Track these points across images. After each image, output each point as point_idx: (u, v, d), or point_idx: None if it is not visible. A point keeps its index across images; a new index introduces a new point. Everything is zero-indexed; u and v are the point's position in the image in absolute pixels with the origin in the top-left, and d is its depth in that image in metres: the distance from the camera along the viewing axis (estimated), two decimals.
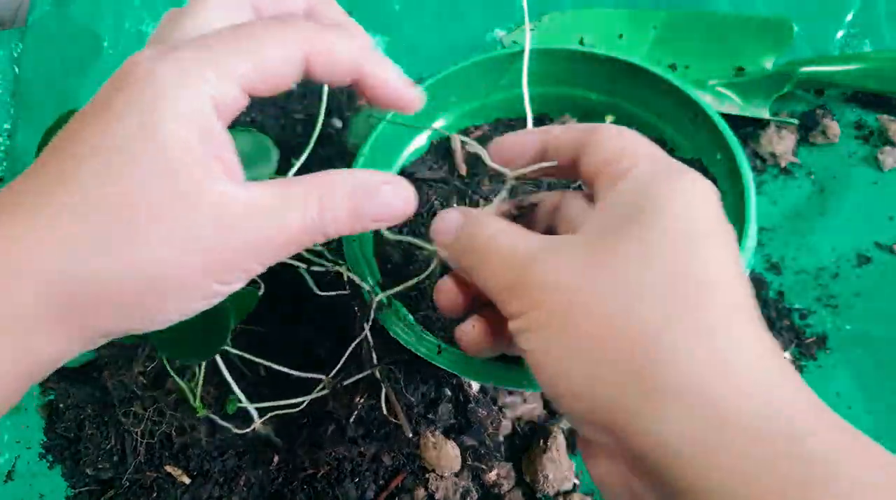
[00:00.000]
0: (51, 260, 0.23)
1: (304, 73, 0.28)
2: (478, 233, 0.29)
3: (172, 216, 0.23)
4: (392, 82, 0.31)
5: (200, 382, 0.45)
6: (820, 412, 0.23)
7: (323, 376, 0.45)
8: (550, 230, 0.34)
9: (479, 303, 0.34)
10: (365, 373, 0.45)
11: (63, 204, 0.23)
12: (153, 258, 0.23)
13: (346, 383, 0.46)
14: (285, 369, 0.45)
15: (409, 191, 0.30)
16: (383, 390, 0.47)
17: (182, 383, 0.45)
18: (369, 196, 0.28)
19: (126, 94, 0.24)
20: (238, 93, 0.26)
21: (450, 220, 0.31)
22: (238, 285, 0.27)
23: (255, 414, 0.44)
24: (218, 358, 0.45)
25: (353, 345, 0.43)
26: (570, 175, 0.32)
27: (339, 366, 0.44)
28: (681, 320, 0.22)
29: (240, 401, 0.44)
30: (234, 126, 0.64)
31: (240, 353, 0.46)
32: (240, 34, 0.26)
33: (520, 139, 0.34)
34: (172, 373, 0.46)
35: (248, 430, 0.44)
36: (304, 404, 0.45)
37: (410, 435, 0.47)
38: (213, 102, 0.25)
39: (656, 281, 0.23)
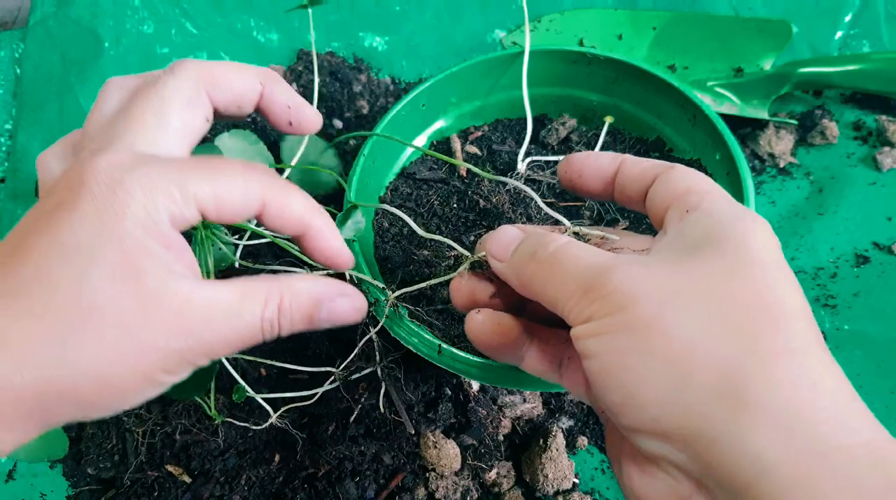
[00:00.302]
0: (13, 364, 0.23)
1: (256, 217, 0.30)
2: (546, 243, 0.30)
3: (134, 320, 0.25)
4: (331, 248, 0.33)
5: (213, 392, 0.46)
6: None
7: (333, 369, 0.45)
8: None
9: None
10: (367, 370, 0.45)
11: (27, 309, 0.24)
12: (114, 360, 0.25)
13: (353, 377, 0.46)
14: (296, 367, 0.46)
15: (362, 302, 0.32)
16: (384, 389, 0.47)
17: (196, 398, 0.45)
18: (326, 307, 0.31)
19: (93, 198, 0.25)
20: (194, 214, 0.27)
21: (510, 235, 0.32)
22: (185, 375, 0.28)
23: (270, 410, 0.44)
24: (226, 362, 0.46)
25: (363, 342, 0.43)
26: (634, 205, 0.34)
27: (350, 358, 0.44)
28: (776, 338, 0.23)
29: (248, 392, 0.44)
30: (231, 128, 0.64)
31: (247, 358, 0.47)
32: (208, 165, 0.28)
33: (594, 162, 0.35)
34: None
35: (265, 425, 0.44)
36: (316, 397, 0.45)
37: (412, 433, 0.48)
38: (172, 217, 0.26)
39: (741, 305, 0.24)
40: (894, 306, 0.55)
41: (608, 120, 0.57)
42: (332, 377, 0.45)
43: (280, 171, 0.56)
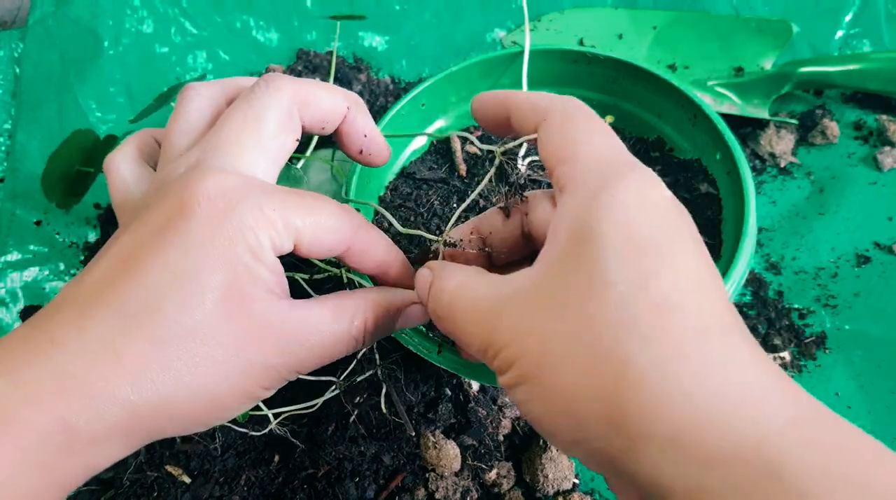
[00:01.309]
0: (129, 384, 0.24)
1: (340, 253, 0.31)
2: (443, 288, 0.28)
3: (242, 343, 0.26)
4: (404, 285, 0.34)
5: None
6: (802, 423, 0.20)
7: (334, 378, 0.45)
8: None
9: None
10: (368, 373, 0.45)
11: (142, 331, 0.25)
12: (221, 380, 0.26)
13: (356, 381, 0.46)
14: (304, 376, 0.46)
15: (423, 309, 0.33)
16: (384, 390, 0.47)
17: None
18: (404, 315, 0.33)
19: (206, 222, 0.26)
20: (290, 245, 0.28)
21: (422, 279, 0.31)
22: (277, 389, 0.29)
23: (270, 417, 0.44)
24: None
25: (363, 352, 0.43)
26: None
27: (350, 368, 0.45)
28: (643, 352, 0.21)
29: (263, 420, 0.44)
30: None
31: None
32: (309, 202, 0.29)
33: (490, 99, 0.33)
34: None
35: (264, 431, 0.44)
36: (317, 406, 0.45)
37: (412, 434, 0.47)
38: (273, 245, 0.27)
39: (612, 314, 0.21)
40: (895, 306, 0.55)
41: (608, 119, 0.57)
42: (333, 386, 0.45)
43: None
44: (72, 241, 0.64)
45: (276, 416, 0.45)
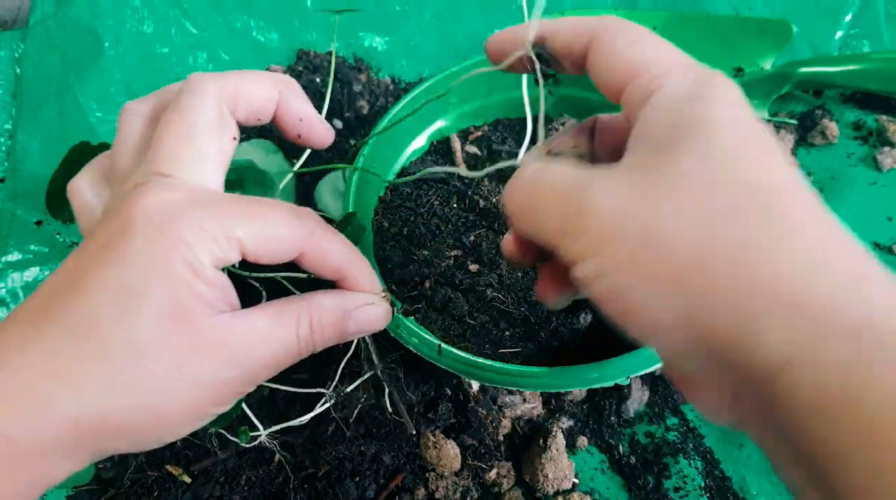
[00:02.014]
0: (74, 398, 0.25)
1: (293, 259, 0.31)
2: (521, 174, 0.28)
3: (184, 358, 0.26)
4: (368, 281, 0.34)
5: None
6: None
7: (325, 391, 0.45)
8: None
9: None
10: (367, 375, 0.45)
11: (85, 346, 0.25)
12: (166, 396, 0.26)
13: (347, 390, 0.46)
14: (289, 389, 0.46)
15: (387, 307, 0.33)
16: (386, 390, 0.47)
17: None
18: (353, 318, 0.32)
19: (144, 239, 0.26)
20: (236, 256, 0.28)
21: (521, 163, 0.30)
22: (232, 405, 0.29)
23: (263, 434, 0.44)
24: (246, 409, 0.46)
25: (346, 359, 0.43)
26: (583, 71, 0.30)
27: (335, 379, 0.45)
28: (768, 230, 0.21)
29: (254, 429, 0.44)
30: (250, 137, 0.64)
31: None
32: (255, 210, 0.29)
33: (512, 35, 0.33)
34: None
35: (254, 443, 0.44)
36: (309, 417, 0.45)
37: (413, 433, 0.48)
38: (216, 259, 0.27)
39: (731, 196, 0.22)
40: None
41: None
42: (324, 399, 0.45)
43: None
44: (72, 241, 0.64)
45: (270, 434, 0.45)
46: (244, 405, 0.45)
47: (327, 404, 0.45)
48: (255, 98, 0.33)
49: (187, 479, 0.49)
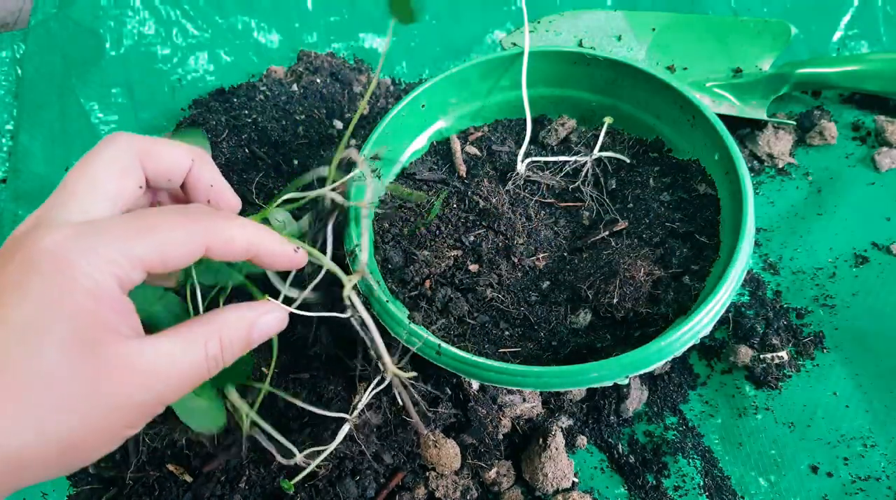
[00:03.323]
0: None
1: (205, 255, 0.32)
2: None
3: (93, 387, 0.27)
4: (283, 253, 0.36)
5: (247, 423, 0.46)
6: None
7: (346, 415, 0.45)
8: None
9: None
10: (378, 382, 0.45)
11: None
12: (77, 426, 0.26)
13: (362, 402, 0.46)
14: (313, 409, 0.46)
15: (283, 312, 0.36)
16: (393, 390, 0.47)
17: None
18: (257, 328, 0.34)
19: (42, 277, 0.27)
20: (140, 275, 0.29)
21: None
22: (143, 425, 0.30)
23: (298, 456, 0.44)
24: (253, 413, 0.46)
25: (374, 383, 0.44)
26: None
27: (361, 403, 0.45)
28: None
29: (290, 479, 0.44)
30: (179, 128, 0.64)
31: (274, 390, 0.47)
32: (147, 224, 0.30)
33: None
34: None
35: (291, 462, 0.45)
36: (335, 443, 0.45)
37: (424, 433, 0.48)
38: (118, 280, 0.28)
39: None
40: (893, 306, 0.55)
41: (607, 120, 0.57)
42: (346, 423, 0.45)
43: None
44: None
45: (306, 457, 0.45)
46: (273, 431, 0.45)
47: (350, 426, 0.45)
48: (167, 160, 0.35)
49: (188, 478, 0.49)
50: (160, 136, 0.69)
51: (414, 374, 0.44)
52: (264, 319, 0.34)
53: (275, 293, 0.45)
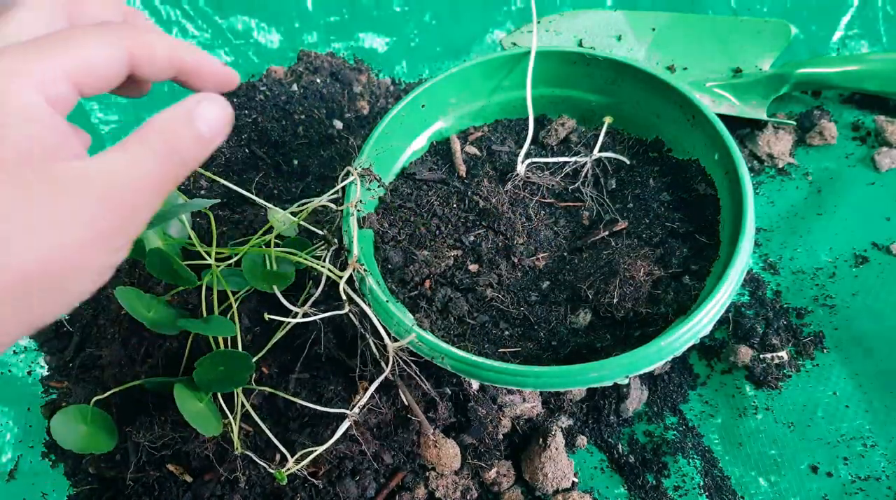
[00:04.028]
0: None
1: (129, 70, 0.30)
2: None
3: (53, 212, 0.25)
4: (210, 65, 0.34)
5: (237, 427, 0.46)
6: None
7: (347, 411, 0.45)
8: None
9: None
10: (379, 380, 0.45)
11: None
12: (54, 251, 0.25)
13: (363, 401, 0.46)
14: (312, 406, 0.46)
15: (219, 97, 0.32)
16: (397, 391, 0.47)
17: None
18: (199, 116, 0.31)
19: None
20: (67, 89, 0.27)
21: None
22: (127, 249, 0.28)
23: (290, 460, 0.44)
24: (250, 409, 0.46)
25: (377, 383, 0.44)
26: None
27: (364, 399, 0.45)
28: None
29: (286, 469, 0.44)
30: None
31: (271, 390, 0.47)
32: (64, 35, 0.28)
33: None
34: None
35: (285, 470, 0.44)
36: (333, 440, 0.45)
37: (429, 433, 0.48)
38: (49, 99, 0.27)
39: None
40: (893, 305, 0.55)
41: (607, 120, 0.57)
42: (346, 419, 0.45)
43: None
44: None
45: (297, 460, 0.45)
46: (267, 431, 0.45)
47: (347, 424, 0.45)
48: (92, 3, 0.33)
49: (188, 478, 0.49)
50: None
51: (413, 360, 0.44)
52: (202, 106, 0.31)
53: (285, 311, 0.46)
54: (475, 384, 0.51)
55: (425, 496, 0.49)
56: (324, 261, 0.47)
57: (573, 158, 0.55)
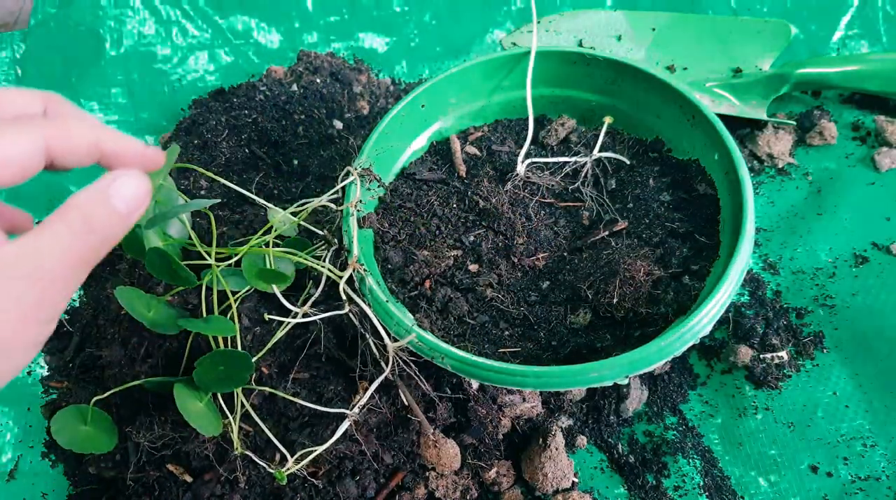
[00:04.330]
0: None
1: (49, 160, 0.31)
2: None
3: None
4: (132, 148, 0.34)
5: (237, 427, 0.46)
6: None
7: (347, 411, 0.45)
8: None
9: None
10: (379, 380, 0.45)
11: None
12: None
13: (363, 400, 0.46)
14: (312, 406, 0.46)
15: (136, 172, 0.33)
16: (397, 391, 0.47)
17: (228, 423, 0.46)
18: (115, 193, 0.32)
19: None
20: None
21: None
22: (55, 322, 0.30)
23: (290, 460, 0.44)
24: (250, 409, 0.46)
25: (377, 383, 0.44)
26: None
27: (364, 399, 0.45)
28: None
29: (285, 469, 0.44)
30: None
31: (271, 390, 0.47)
32: None
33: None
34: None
35: (285, 470, 0.45)
36: (333, 439, 0.45)
37: (430, 433, 0.48)
38: None
39: None
40: (893, 305, 0.55)
41: (607, 120, 0.57)
42: (346, 418, 0.45)
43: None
44: None
45: (297, 460, 0.45)
46: (267, 432, 0.45)
47: (348, 423, 0.45)
48: (13, 100, 0.34)
49: (188, 478, 0.49)
50: (160, 136, 0.70)
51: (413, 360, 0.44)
52: (118, 183, 0.32)
53: (285, 311, 0.46)
54: (475, 384, 0.51)
55: (425, 496, 0.49)
56: (324, 261, 0.47)
57: (573, 159, 0.55)
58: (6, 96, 0.33)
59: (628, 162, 0.56)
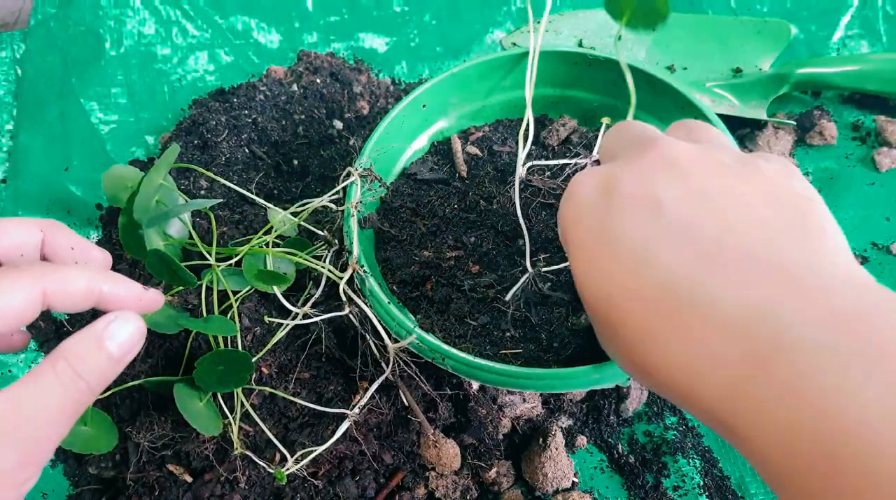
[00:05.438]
0: None
1: (46, 307, 0.31)
2: None
3: None
4: (131, 292, 0.35)
5: (237, 427, 0.46)
6: None
7: (347, 411, 0.45)
8: None
9: None
10: (379, 381, 0.45)
11: None
12: None
13: (363, 401, 0.46)
14: (312, 406, 0.46)
15: (132, 314, 0.34)
16: (397, 391, 0.47)
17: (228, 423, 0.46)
18: (109, 337, 0.32)
19: None
20: None
21: None
22: (36, 477, 0.29)
23: (290, 460, 0.44)
24: (250, 409, 0.46)
25: (378, 383, 0.44)
26: None
27: (365, 399, 0.45)
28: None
29: (285, 469, 0.44)
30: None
31: (271, 390, 0.47)
32: None
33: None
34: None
35: (285, 470, 0.45)
36: (333, 439, 0.45)
37: (430, 434, 0.48)
38: None
39: None
40: None
41: (605, 121, 0.57)
42: (346, 418, 0.45)
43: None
44: None
45: (297, 460, 0.45)
46: (267, 432, 0.45)
47: (349, 423, 0.45)
48: (12, 234, 0.34)
49: (188, 478, 0.49)
50: (160, 136, 0.70)
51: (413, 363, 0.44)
52: (112, 326, 0.32)
53: (285, 312, 0.46)
54: (475, 384, 0.51)
55: (425, 496, 0.49)
56: (324, 261, 0.47)
57: (574, 160, 0.55)
58: (3, 227, 0.34)
59: None
